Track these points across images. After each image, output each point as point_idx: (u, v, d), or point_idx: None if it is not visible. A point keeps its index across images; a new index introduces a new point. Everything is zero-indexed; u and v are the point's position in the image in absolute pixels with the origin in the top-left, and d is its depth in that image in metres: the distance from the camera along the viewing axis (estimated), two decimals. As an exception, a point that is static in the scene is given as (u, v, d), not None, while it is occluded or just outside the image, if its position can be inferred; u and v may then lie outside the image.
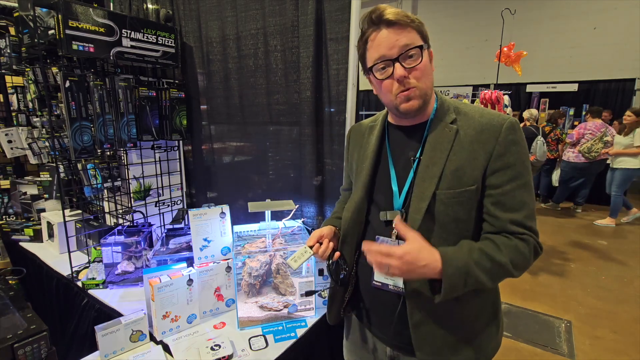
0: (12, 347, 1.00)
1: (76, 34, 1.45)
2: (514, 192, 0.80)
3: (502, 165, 0.80)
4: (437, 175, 0.82)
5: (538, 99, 7.43)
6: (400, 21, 0.79)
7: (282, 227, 1.44)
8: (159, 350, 1.17)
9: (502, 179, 0.80)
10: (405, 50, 0.79)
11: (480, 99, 4.22)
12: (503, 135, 0.80)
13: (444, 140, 0.84)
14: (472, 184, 0.81)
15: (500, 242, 0.80)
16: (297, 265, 0.98)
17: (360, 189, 0.96)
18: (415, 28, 0.81)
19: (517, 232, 0.80)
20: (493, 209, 0.82)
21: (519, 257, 0.79)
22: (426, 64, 0.82)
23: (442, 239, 0.83)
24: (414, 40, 0.80)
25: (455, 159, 0.82)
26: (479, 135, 0.81)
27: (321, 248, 0.98)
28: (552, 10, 7.06)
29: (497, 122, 0.81)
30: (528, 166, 0.82)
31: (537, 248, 0.82)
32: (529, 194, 0.81)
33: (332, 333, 1.43)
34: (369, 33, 0.83)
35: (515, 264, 0.79)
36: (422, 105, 0.84)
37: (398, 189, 0.90)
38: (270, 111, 1.75)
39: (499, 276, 0.81)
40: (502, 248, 0.79)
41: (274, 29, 1.62)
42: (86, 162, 1.83)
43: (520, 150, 0.81)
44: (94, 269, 1.66)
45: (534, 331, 2.62)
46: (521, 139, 0.81)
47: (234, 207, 1.52)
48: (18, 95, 2.32)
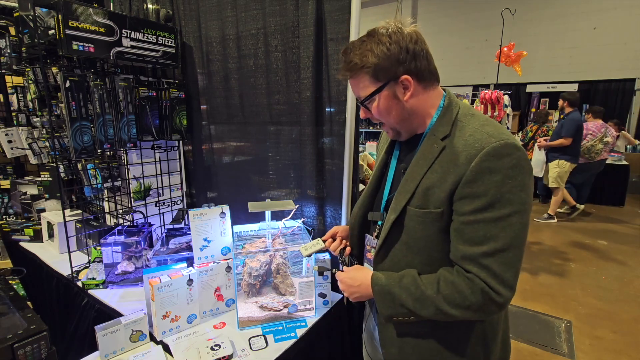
0: (12, 347, 1.00)
1: (76, 34, 1.45)
2: (477, 224, 0.72)
3: (469, 192, 0.72)
4: (411, 191, 0.81)
5: (538, 99, 7.43)
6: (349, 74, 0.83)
7: (282, 227, 1.44)
8: (159, 350, 1.17)
9: (467, 207, 0.73)
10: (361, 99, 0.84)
11: (480, 99, 4.23)
12: (477, 161, 0.71)
13: (428, 156, 0.81)
14: (438, 206, 0.78)
15: (441, 274, 0.79)
16: (307, 254, 1.04)
17: (366, 190, 1.02)
18: (366, 72, 0.79)
19: (464, 269, 0.75)
20: (453, 237, 0.78)
21: (454, 295, 0.74)
22: (384, 106, 0.82)
23: (413, 252, 0.84)
24: (361, 90, 0.83)
25: (431, 177, 0.79)
26: (457, 156, 0.75)
27: (334, 244, 1.05)
28: (552, 10, 7.06)
29: (479, 145, 0.72)
30: (511, 199, 0.70)
31: (488, 292, 0.71)
32: (500, 230, 0.70)
33: (332, 333, 1.44)
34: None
35: (448, 301, 0.75)
36: (398, 135, 0.89)
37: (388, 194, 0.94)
38: (271, 111, 1.75)
39: (431, 309, 0.77)
40: (439, 280, 0.77)
41: (274, 29, 1.62)
42: (86, 162, 1.83)
43: (498, 180, 0.70)
44: (94, 269, 1.66)
45: (534, 331, 2.62)
46: (507, 167, 0.70)
47: (234, 207, 1.52)
48: (18, 95, 2.32)
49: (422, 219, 0.80)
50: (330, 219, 1.66)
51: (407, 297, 0.79)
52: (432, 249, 0.82)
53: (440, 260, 0.82)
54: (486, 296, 0.72)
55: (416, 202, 0.81)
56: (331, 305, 1.45)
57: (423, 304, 0.78)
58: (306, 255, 1.04)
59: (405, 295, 0.79)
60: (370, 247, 0.98)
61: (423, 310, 0.78)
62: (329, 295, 1.45)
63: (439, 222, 0.79)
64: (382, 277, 0.85)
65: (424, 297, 0.77)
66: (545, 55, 7.26)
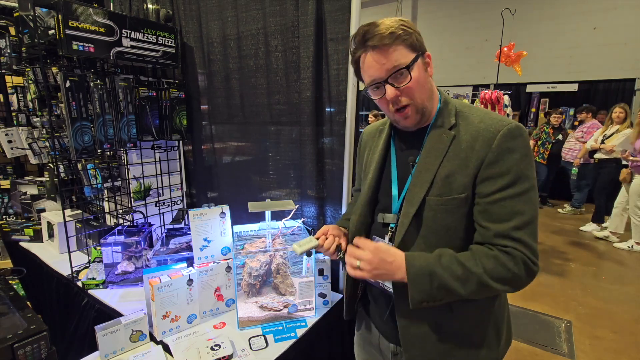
0: (12, 347, 1.00)
1: (76, 34, 1.45)
2: (503, 201, 0.76)
3: (493, 173, 0.76)
4: (429, 181, 0.81)
5: (538, 99, 7.43)
6: (383, 45, 0.77)
7: (282, 227, 1.44)
8: (159, 350, 1.17)
9: (492, 187, 0.76)
10: (392, 72, 0.78)
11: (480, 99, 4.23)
12: (497, 142, 0.76)
13: (439, 146, 0.83)
14: (461, 191, 0.79)
15: (478, 251, 0.78)
16: (301, 251, 1.00)
17: (366, 192, 0.98)
18: (403, 42, 0.78)
19: (500, 245, 0.76)
20: (480, 219, 0.79)
21: (498, 269, 0.75)
22: (418, 78, 0.80)
23: (431, 245, 0.83)
24: (401, 58, 0.78)
25: (448, 166, 0.81)
26: (474, 142, 0.79)
27: (327, 241, 1.01)
28: (552, 10, 7.05)
29: (494, 128, 0.77)
30: (527, 175, 0.76)
31: (527, 263, 0.75)
32: (524, 204, 0.76)
33: (332, 333, 1.44)
34: (358, 54, 0.83)
35: (492, 275, 0.75)
36: (421, 118, 0.85)
37: (397, 193, 0.91)
38: (271, 111, 1.75)
39: (474, 285, 0.76)
40: (477, 257, 0.77)
41: (275, 29, 1.62)
42: (86, 162, 1.83)
43: (518, 158, 0.76)
44: (94, 269, 1.66)
45: (534, 331, 2.62)
46: (521, 146, 0.76)
47: (234, 207, 1.52)
48: (18, 95, 2.32)
49: (445, 206, 0.80)
50: (331, 219, 1.66)
51: (449, 276, 0.76)
52: (451, 238, 0.83)
53: (461, 249, 0.82)
54: (528, 268, 0.75)
55: (436, 191, 0.81)
56: (331, 305, 1.45)
57: (466, 281, 0.76)
58: (300, 253, 1.01)
59: (447, 275, 0.76)
60: None
61: (464, 289, 0.76)
62: (329, 295, 1.46)
63: (463, 208, 0.80)
64: (419, 256, 0.79)
65: (468, 274, 0.76)
66: (545, 55, 7.25)
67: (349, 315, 1.11)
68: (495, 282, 0.76)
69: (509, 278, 0.75)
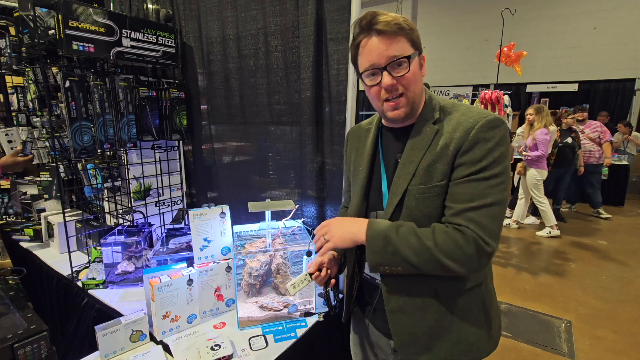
0: (12, 347, 1.00)
1: (76, 34, 1.45)
2: (468, 183, 0.79)
3: (466, 160, 0.79)
4: (412, 172, 0.85)
5: (538, 99, 7.43)
6: (389, 30, 0.79)
7: (282, 227, 1.44)
8: (159, 350, 1.17)
9: (462, 172, 0.80)
10: (393, 60, 0.80)
11: (480, 99, 4.23)
12: (475, 132, 0.79)
13: (423, 140, 0.85)
14: (441, 179, 0.82)
15: (435, 227, 0.81)
16: (295, 292, 1.02)
17: (358, 193, 0.99)
18: (406, 36, 0.80)
19: (455, 223, 0.79)
20: (447, 200, 0.83)
21: (451, 245, 0.77)
22: (414, 72, 0.82)
23: None
24: (403, 50, 0.80)
25: (429, 156, 0.84)
26: (454, 132, 0.82)
27: (320, 278, 1.02)
28: (552, 10, 7.06)
29: (474, 120, 0.80)
30: (500, 162, 0.79)
31: (479, 242, 0.76)
32: (489, 188, 0.78)
33: (332, 333, 1.43)
34: (360, 39, 0.84)
35: (442, 250, 0.77)
36: (410, 112, 0.86)
37: (387, 190, 0.92)
38: (271, 111, 1.75)
39: (426, 257, 0.79)
40: (433, 232, 0.80)
41: (275, 29, 1.62)
42: (86, 162, 1.82)
43: (492, 147, 0.78)
44: (94, 269, 1.66)
45: (534, 331, 2.62)
46: (498, 137, 0.79)
47: (234, 207, 1.52)
48: (18, 95, 2.32)
49: (426, 194, 0.83)
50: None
51: (404, 244, 0.80)
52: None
53: None
54: (479, 247, 0.77)
55: (417, 180, 0.84)
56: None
57: (419, 253, 0.79)
58: (294, 294, 1.04)
59: (401, 242, 0.80)
60: None
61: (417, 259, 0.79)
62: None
63: (443, 195, 0.83)
64: (379, 222, 0.85)
65: (422, 246, 0.79)
66: (545, 55, 7.26)
67: (348, 317, 1.12)
68: (446, 258, 0.78)
69: (458, 255, 0.77)
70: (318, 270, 1.02)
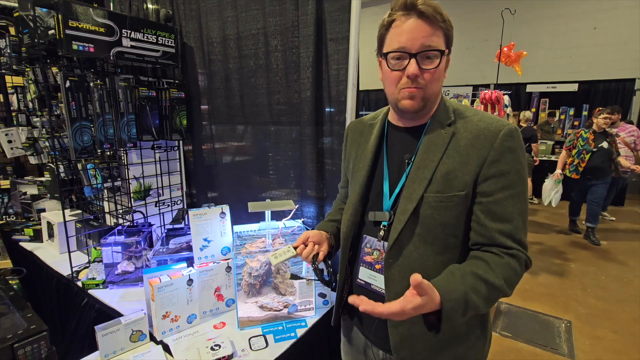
0: (12, 347, 1.00)
1: (76, 34, 1.45)
2: (505, 201, 0.77)
3: (495, 172, 0.77)
4: (428, 177, 0.81)
5: (538, 99, 7.44)
6: (432, 17, 0.74)
7: (282, 227, 1.44)
8: (159, 350, 1.17)
9: (494, 186, 0.77)
10: (425, 49, 0.76)
11: (480, 99, 4.22)
12: (499, 142, 0.77)
13: (438, 143, 0.82)
14: (461, 189, 0.79)
15: (491, 261, 0.76)
16: (276, 262, 0.96)
17: (357, 190, 0.95)
18: (444, 30, 0.78)
19: (505, 246, 0.77)
20: (482, 217, 0.79)
21: (512, 276, 0.76)
22: (441, 70, 0.80)
23: (427, 243, 0.82)
24: (438, 43, 0.77)
25: (448, 162, 0.80)
26: (475, 140, 0.79)
27: (305, 250, 0.96)
28: (552, 10, 7.06)
29: (495, 128, 0.78)
30: (523, 176, 0.79)
31: (527, 263, 0.79)
32: (521, 206, 0.78)
33: (332, 333, 1.44)
34: (397, 16, 0.78)
35: (509, 283, 0.76)
36: (422, 108, 0.82)
37: (389, 190, 0.89)
38: (271, 111, 1.75)
39: (494, 299, 0.76)
40: (494, 267, 0.75)
41: (275, 29, 1.62)
42: (86, 162, 1.83)
43: (516, 159, 0.77)
44: (94, 269, 1.66)
45: (534, 331, 2.62)
46: (519, 147, 0.78)
47: (234, 207, 1.52)
48: (18, 95, 2.32)
49: (445, 203, 0.79)
50: (330, 219, 1.65)
51: (477, 298, 0.72)
52: (448, 236, 0.81)
53: (454, 247, 0.82)
54: (527, 267, 0.79)
55: (435, 188, 0.80)
56: (331, 305, 1.45)
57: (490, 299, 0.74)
58: (275, 265, 0.98)
59: (475, 298, 0.72)
60: (372, 249, 0.93)
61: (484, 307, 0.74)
62: (329, 295, 1.46)
63: (461, 205, 0.80)
64: (449, 289, 0.70)
65: (490, 291, 0.74)
66: (545, 55, 7.26)
67: (336, 321, 1.08)
68: (510, 289, 0.77)
69: (517, 281, 0.78)
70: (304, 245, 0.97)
